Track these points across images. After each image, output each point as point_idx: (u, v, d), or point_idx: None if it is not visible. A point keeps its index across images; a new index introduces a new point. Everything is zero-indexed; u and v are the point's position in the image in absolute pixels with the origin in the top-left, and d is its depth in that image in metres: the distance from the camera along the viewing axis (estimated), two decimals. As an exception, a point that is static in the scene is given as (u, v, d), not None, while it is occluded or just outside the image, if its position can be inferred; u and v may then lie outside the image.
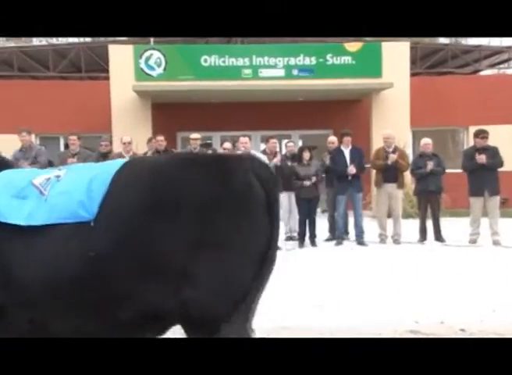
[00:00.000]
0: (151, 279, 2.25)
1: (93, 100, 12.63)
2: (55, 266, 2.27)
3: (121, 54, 12.17)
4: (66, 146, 10.94)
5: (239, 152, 7.62)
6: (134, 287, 2.26)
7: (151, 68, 12.10)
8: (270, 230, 2.40)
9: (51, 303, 2.32)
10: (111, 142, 10.62)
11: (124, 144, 8.71)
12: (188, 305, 2.24)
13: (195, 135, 9.42)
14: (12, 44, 16.28)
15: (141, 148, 10.09)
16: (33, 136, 9.73)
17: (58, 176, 2.51)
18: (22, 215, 2.36)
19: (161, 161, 2.63)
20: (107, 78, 12.38)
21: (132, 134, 9.24)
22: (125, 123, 11.63)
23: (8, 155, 8.63)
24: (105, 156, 8.89)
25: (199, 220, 2.25)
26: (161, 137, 8.85)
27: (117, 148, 9.86)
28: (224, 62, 12.38)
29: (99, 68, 14.14)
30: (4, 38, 27.75)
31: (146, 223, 2.25)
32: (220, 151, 9.43)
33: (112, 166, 2.47)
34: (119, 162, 2.51)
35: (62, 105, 12.74)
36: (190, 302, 2.23)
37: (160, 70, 12.14)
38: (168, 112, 12.63)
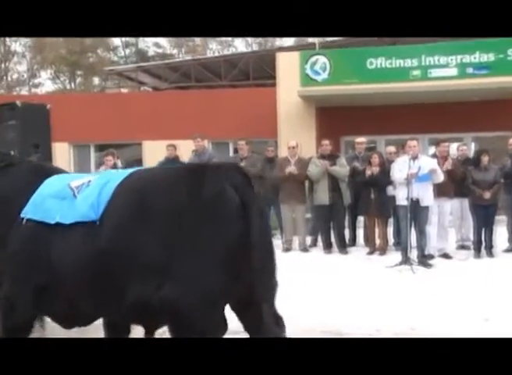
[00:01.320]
0: (137, 275, 2.64)
1: (260, 106, 13.11)
2: (79, 257, 2.81)
3: (288, 60, 12.46)
4: (235, 151, 11.50)
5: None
6: (126, 282, 2.67)
7: (317, 73, 12.20)
8: (248, 229, 2.63)
9: (79, 287, 2.85)
10: (276, 147, 10.95)
11: (289, 148, 8.88)
12: (165, 300, 2.56)
13: (361, 139, 9.27)
14: (190, 58, 17.67)
15: (305, 152, 10.21)
16: (206, 141, 10.43)
17: (89, 182, 3.04)
18: (56, 216, 2.96)
19: (152, 173, 3.12)
20: (273, 85, 12.77)
21: (297, 139, 9.38)
22: (290, 128, 11.88)
23: (185, 158, 9.42)
24: (271, 161, 9.18)
25: (171, 225, 2.65)
26: (326, 142, 8.86)
27: (283, 152, 10.10)
28: (391, 63, 12.01)
29: (266, 75, 14.69)
30: (182, 52, 30.30)
31: (130, 225, 2.71)
32: (385, 154, 9.14)
33: (122, 174, 3.00)
34: (128, 171, 3.03)
35: (232, 112, 13.44)
36: (166, 297, 2.56)
37: (325, 75, 12.19)
38: (332, 117, 12.62)
